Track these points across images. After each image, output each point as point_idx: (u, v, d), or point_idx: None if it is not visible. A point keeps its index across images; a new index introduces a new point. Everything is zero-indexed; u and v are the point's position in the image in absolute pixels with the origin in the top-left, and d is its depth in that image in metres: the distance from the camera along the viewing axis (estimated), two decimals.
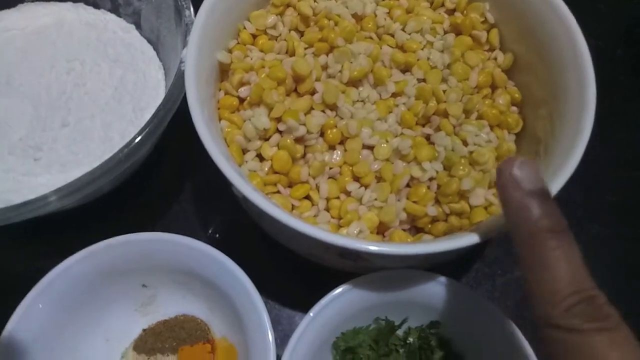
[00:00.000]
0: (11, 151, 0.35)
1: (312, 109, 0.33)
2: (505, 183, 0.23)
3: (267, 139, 0.32)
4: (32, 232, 0.36)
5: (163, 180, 0.40)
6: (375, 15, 0.38)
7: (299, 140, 0.32)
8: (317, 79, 0.34)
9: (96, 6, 0.41)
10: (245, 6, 0.36)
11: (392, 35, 0.37)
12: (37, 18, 0.40)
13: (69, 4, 0.41)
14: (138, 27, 0.40)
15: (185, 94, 0.30)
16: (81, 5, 0.41)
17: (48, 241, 0.36)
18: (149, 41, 0.40)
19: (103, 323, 0.32)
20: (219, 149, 0.28)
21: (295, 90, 0.34)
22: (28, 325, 0.28)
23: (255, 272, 0.31)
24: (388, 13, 0.38)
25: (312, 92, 0.34)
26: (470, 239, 0.26)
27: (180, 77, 0.31)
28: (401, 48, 0.37)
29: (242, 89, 0.33)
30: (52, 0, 0.41)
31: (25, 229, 0.34)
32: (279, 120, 0.32)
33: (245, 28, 0.36)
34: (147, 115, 0.36)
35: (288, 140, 0.32)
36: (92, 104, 0.37)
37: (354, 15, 0.37)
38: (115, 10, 0.40)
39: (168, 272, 0.32)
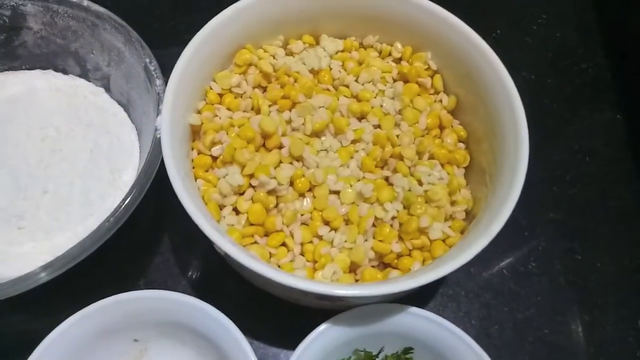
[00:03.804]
0: None
1: (280, 162, 0.36)
2: None
3: (241, 194, 0.35)
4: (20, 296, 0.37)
5: (141, 234, 0.42)
6: (330, 69, 0.41)
7: (270, 192, 0.35)
8: (283, 134, 0.37)
9: (65, 72, 0.42)
10: (210, 68, 0.39)
11: (347, 86, 0.41)
12: (7, 87, 0.41)
13: (38, 71, 0.42)
14: (108, 90, 0.42)
15: (162, 158, 0.32)
16: (50, 72, 0.42)
17: (37, 303, 0.37)
18: (120, 103, 0.42)
19: None
20: (199, 209, 0.31)
21: (264, 144, 0.37)
22: None
23: (238, 315, 0.33)
24: (342, 65, 0.42)
25: (280, 146, 0.37)
26: (433, 274, 0.29)
27: (157, 145, 0.33)
28: (356, 98, 0.40)
29: (214, 148, 0.36)
30: (21, 69, 0.42)
31: None
32: (251, 176, 0.35)
33: (211, 89, 0.39)
34: (125, 176, 0.38)
35: (261, 194, 0.34)
36: (70, 169, 0.38)
37: (311, 70, 0.41)
38: (84, 75, 0.42)
39: (157, 325, 0.34)
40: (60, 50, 0.41)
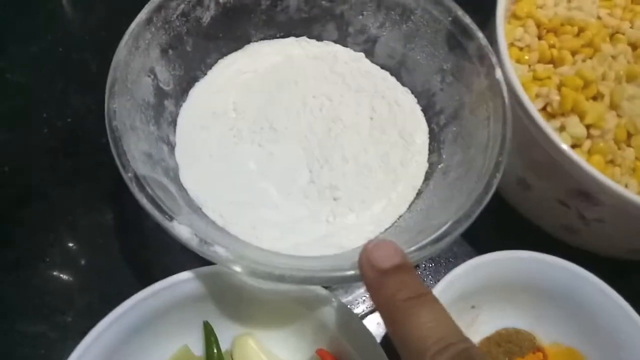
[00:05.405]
0: (306, 195, 0.34)
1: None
2: (362, 266, 0.24)
3: (574, 146, 0.34)
4: None
5: None
6: (600, 18, 0.40)
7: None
8: None
9: (319, 38, 0.40)
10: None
11: (622, 33, 0.39)
12: (265, 57, 0.39)
13: (292, 39, 0.40)
14: (368, 54, 0.40)
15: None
16: (304, 39, 0.40)
17: None
18: (384, 67, 0.40)
19: None
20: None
21: None
22: None
23: None
24: (609, 14, 0.40)
25: (594, 96, 0.35)
26: None
27: (506, 100, 0.31)
28: (633, 45, 0.39)
29: (536, 102, 0.34)
30: (275, 37, 0.40)
31: None
32: (587, 126, 0.33)
33: None
34: (417, 140, 0.37)
35: (601, 144, 0.33)
36: (356, 136, 0.36)
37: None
38: (341, 40, 0.40)
39: (493, 289, 0.33)
40: (323, 14, 0.39)
